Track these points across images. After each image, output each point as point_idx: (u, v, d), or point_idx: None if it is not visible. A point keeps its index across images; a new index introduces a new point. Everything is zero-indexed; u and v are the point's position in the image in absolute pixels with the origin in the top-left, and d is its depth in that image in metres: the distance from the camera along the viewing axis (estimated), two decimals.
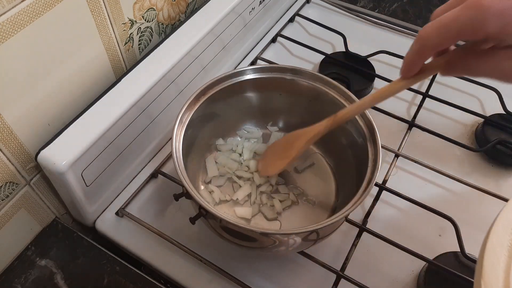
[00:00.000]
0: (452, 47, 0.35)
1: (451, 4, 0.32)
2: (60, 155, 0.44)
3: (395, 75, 0.37)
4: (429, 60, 0.35)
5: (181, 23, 0.58)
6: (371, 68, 0.69)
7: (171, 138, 0.46)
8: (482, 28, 0.29)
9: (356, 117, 0.49)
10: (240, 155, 0.57)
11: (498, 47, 0.30)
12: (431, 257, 0.48)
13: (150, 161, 0.58)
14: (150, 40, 0.59)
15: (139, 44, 0.57)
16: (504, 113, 0.63)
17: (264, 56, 0.71)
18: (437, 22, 0.31)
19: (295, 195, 0.54)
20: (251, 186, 0.54)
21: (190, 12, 0.65)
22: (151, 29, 0.58)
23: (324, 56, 0.70)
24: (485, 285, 0.29)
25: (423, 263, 0.49)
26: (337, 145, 0.55)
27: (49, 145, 0.45)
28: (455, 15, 0.30)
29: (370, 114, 0.48)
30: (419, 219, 0.54)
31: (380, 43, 0.72)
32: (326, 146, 0.57)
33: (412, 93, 0.66)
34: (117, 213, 0.53)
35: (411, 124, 0.62)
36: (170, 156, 0.58)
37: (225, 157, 0.56)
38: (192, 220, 0.44)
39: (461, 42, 0.34)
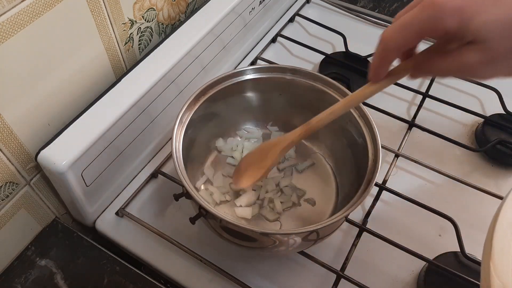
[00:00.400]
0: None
1: (411, 5, 0.32)
2: (60, 155, 0.44)
3: None
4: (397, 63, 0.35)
5: (181, 23, 0.58)
6: None
7: (171, 138, 0.46)
8: (440, 25, 0.29)
9: (356, 117, 0.49)
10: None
11: (461, 44, 0.30)
12: (431, 257, 0.48)
13: (150, 161, 0.58)
14: (150, 40, 0.59)
15: (139, 44, 0.57)
16: (504, 113, 0.63)
17: (264, 56, 0.71)
18: (398, 23, 0.31)
19: (297, 196, 0.54)
20: (254, 193, 0.53)
21: (190, 12, 0.65)
22: (151, 29, 0.58)
23: (324, 56, 0.70)
24: (494, 267, 0.29)
25: (423, 263, 0.49)
26: (337, 145, 0.55)
27: (49, 145, 0.45)
28: (414, 15, 0.30)
29: (370, 114, 0.48)
30: (419, 219, 0.54)
31: None
32: (326, 146, 0.57)
33: (412, 93, 0.66)
34: (117, 213, 0.53)
35: (411, 124, 0.62)
36: (170, 156, 0.58)
37: (220, 179, 0.54)
38: (192, 220, 0.44)
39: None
